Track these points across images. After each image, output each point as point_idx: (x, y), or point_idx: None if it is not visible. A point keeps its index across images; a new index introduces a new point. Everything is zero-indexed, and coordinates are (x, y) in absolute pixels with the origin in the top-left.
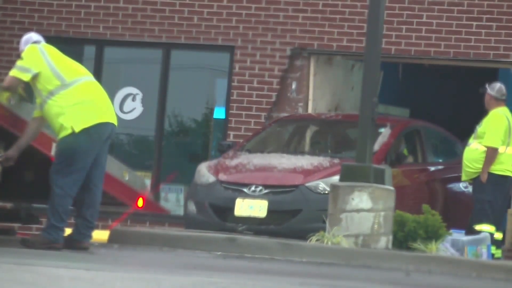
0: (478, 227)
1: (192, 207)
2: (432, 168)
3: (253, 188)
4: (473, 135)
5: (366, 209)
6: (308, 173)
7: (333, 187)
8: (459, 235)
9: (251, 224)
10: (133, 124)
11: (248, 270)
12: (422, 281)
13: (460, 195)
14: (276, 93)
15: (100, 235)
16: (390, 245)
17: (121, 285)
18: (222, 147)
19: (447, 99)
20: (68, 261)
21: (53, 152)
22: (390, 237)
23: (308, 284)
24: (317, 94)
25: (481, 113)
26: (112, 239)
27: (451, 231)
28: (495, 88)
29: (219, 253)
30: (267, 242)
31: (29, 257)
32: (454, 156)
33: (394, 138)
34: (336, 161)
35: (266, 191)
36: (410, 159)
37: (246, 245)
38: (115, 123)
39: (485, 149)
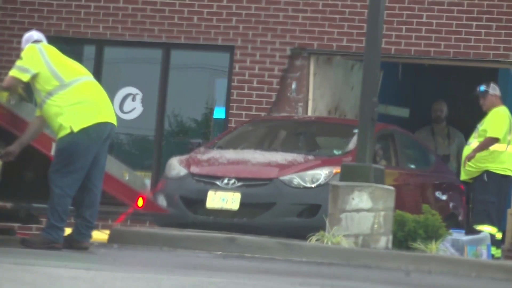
0: (479, 227)
1: (162, 201)
2: (406, 173)
3: (225, 181)
4: (473, 134)
5: (366, 209)
6: (282, 167)
7: (333, 186)
8: (459, 235)
9: (223, 217)
10: (133, 124)
11: (248, 270)
12: (422, 281)
13: (431, 202)
14: (276, 93)
15: (100, 235)
16: (390, 245)
17: (121, 285)
18: (192, 146)
19: (447, 99)
20: (68, 261)
21: (53, 152)
22: (390, 237)
23: (308, 284)
24: (317, 94)
25: (481, 112)
26: (112, 239)
27: (451, 230)
28: (496, 87)
29: (219, 253)
30: (267, 242)
31: (29, 257)
32: (427, 165)
33: None
34: (310, 157)
35: (239, 183)
36: (383, 162)
37: (246, 245)
38: (115, 122)
39: (486, 148)
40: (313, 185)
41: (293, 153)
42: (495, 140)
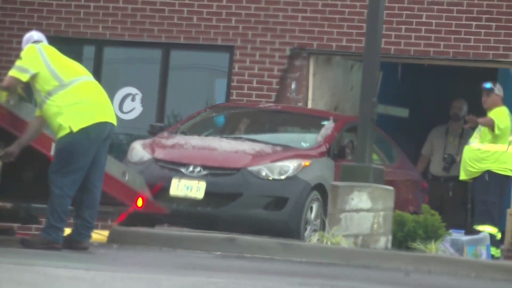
0: (480, 228)
1: None
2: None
3: (191, 169)
4: (474, 134)
5: (365, 209)
6: (250, 157)
7: (333, 186)
8: (458, 235)
9: (187, 205)
10: (132, 124)
11: (248, 270)
12: (422, 281)
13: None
14: (275, 93)
15: (96, 235)
16: (389, 245)
17: (121, 285)
18: (154, 129)
19: (446, 99)
20: (68, 261)
21: (52, 152)
22: (390, 237)
23: (308, 284)
24: (317, 94)
25: (481, 112)
26: (111, 239)
27: (450, 231)
28: (501, 88)
29: (219, 253)
30: (267, 242)
31: (29, 257)
32: (391, 161)
33: (338, 131)
34: (278, 148)
35: (205, 172)
36: (349, 157)
37: (246, 245)
38: (114, 122)
39: (487, 148)
40: (281, 177)
41: (260, 143)
42: (493, 123)
